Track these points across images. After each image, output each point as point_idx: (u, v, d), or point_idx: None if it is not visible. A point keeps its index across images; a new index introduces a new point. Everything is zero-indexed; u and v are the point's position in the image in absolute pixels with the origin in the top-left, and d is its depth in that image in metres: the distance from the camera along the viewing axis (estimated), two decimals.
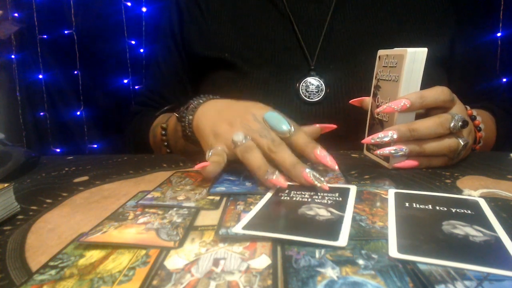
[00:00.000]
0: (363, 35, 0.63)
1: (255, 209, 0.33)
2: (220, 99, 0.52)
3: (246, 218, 0.31)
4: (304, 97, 0.61)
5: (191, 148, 0.55)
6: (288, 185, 0.38)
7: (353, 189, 0.37)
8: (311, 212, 0.32)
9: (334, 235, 0.27)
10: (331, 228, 0.29)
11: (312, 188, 0.38)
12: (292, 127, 0.43)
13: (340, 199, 0.35)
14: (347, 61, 0.62)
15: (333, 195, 0.36)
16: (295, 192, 0.36)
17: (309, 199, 0.35)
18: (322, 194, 0.36)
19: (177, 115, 0.54)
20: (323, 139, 0.62)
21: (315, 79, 0.61)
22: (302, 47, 0.63)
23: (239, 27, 0.67)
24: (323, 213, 0.31)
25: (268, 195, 0.36)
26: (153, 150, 0.70)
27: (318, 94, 0.61)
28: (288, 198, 0.35)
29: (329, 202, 0.34)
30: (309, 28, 0.64)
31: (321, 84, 0.61)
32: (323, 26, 0.64)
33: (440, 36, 0.63)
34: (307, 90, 0.61)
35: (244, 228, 0.29)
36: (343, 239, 0.27)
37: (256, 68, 0.63)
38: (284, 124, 0.43)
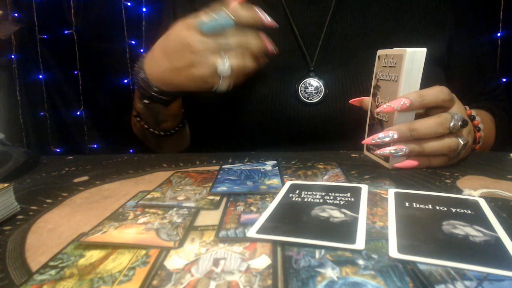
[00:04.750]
0: (362, 36, 0.63)
1: (267, 211, 0.32)
2: (153, 47, 0.56)
3: (259, 221, 0.30)
4: (304, 99, 0.61)
5: (165, 112, 0.60)
6: (299, 185, 0.38)
7: (364, 188, 0.37)
8: (324, 214, 0.31)
9: (351, 238, 0.27)
10: (346, 231, 0.28)
11: (323, 188, 0.38)
12: (231, 16, 0.48)
13: (352, 199, 0.34)
14: (347, 62, 0.62)
15: (345, 195, 0.35)
16: (306, 193, 0.36)
17: (321, 200, 0.34)
18: (334, 194, 0.36)
19: (137, 94, 0.59)
20: (324, 140, 0.63)
21: (314, 80, 0.61)
22: (301, 48, 0.63)
23: None
24: (337, 214, 0.31)
25: (279, 196, 0.36)
26: (153, 141, 0.69)
27: (318, 95, 0.61)
28: (300, 199, 0.35)
29: (342, 202, 0.34)
30: (308, 30, 0.64)
31: (320, 85, 0.61)
32: (322, 27, 0.64)
33: (439, 36, 0.63)
34: (306, 91, 0.61)
35: (258, 232, 0.29)
36: (360, 242, 0.26)
37: (255, 70, 0.63)
38: (223, 22, 0.47)
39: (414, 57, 0.41)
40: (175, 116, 0.64)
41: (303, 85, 0.61)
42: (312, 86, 0.61)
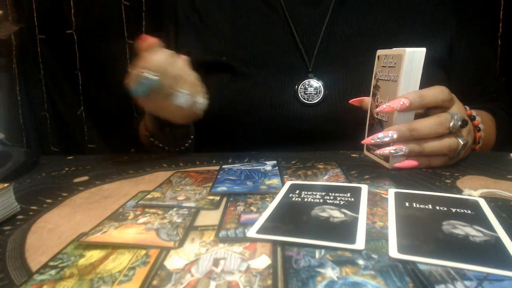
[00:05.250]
0: (361, 36, 0.63)
1: (267, 211, 0.32)
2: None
3: (259, 221, 0.30)
4: (303, 99, 0.61)
5: (183, 130, 0.61)
6: (299, 185, 0.39)
7: (364, 188, 0.37)
8: (324, 214, 0.31)
9: (351, 238, 0.27)
10: (346, 231, 0.28)
11: (323, 188, 0.38)
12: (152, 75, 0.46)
13: (352, 199, 0.34)
14: (346, 63, 0.62)
15: (345, 195, 0.35)
16: (306, 193, 0.36)
17: (321, 200, 0.34)
18: (334, 194, 0.36)
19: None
20: (324, 140, 0.63)
21: (314, 81, 0.61)
22: (300, 49, 0.63)
23: (237, 31, 0.67)
24: (337, 214, 0.31)
25: (279, 196, 0.36)
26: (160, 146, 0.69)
27: (317, 96, 0.61)
28: (300, 199, 0.35)
29: (342, 203, 0.34)
30: (307, 31, 0.64)
31: (320, 86, 0.61)
32: (321, 28, 0.63)
33: (440, 37, 0.63)
34: (306, 92, 0.61)
35: (258, 232, 0.29)
36: (360, 242, 0.26)
37: (255, 71, 0.63)
38: (150, 83, 0.46)
39: (414, 57, 0.41)
40: (188, 130, 0.64)
41: (302, 86, 0.61)
42: (312, 87, 0.61)
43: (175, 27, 0.73)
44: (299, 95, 0.61)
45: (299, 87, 0.61)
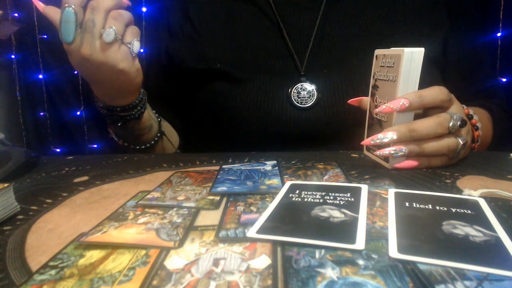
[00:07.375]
0: (354, 38, 0.63)
1: (267, 211, 0.32)
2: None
3: (259, 221, 0.30)
4: (296, 103, 0.61)
5: (140, 126, 0.62)
6: (299, 185, 0.38)
7: (364, 188, 0.37)
8: (324, 214, 0.31)
9: (351, 238, 0.27)
10: (346, 231, 0.28)
11: (323, 188, 0.38)
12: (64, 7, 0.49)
13: (352, 199, 0.34)
14: (339, 66, 0.62)
15: (345, 195, 0.35)
16: (306, 193, 0.36)
17: (321, 200, 0.34)
18: (334, 194, 0.36)
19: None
20: (319, 143, 0.63)
21: (307, 84, 0.61)
22: (291, 53, 0.63)
23: (230, 37, 0.67)
24: (337, 214, 0.31)
25: (279, 196, 0.36)
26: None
27: (311, 100, 0.61)
28: (300, 199, 0.35)
29: (342, 203, 0.34)
30: (298, 35, 0.64)
31: (313, 90, 0.61)
32: (312, 31, 0.63)
33: (434, 37, 0.63)
34: (299, 96, 0.61)
35: (258, 232, 0.29)
36: (360, 242, 0.26)
37: (248, 76, 0.63)
38: (64, 17, 0.49)
39: (412, 57, 0.41)
40: (150, 127, 0.65)
41: (295, 90, 0.61)
42: (305, 91, 0.61)
43: (168, 36, 0.73)
44: (292, 99, 0.61)
45: (292, 91, 0.61)
